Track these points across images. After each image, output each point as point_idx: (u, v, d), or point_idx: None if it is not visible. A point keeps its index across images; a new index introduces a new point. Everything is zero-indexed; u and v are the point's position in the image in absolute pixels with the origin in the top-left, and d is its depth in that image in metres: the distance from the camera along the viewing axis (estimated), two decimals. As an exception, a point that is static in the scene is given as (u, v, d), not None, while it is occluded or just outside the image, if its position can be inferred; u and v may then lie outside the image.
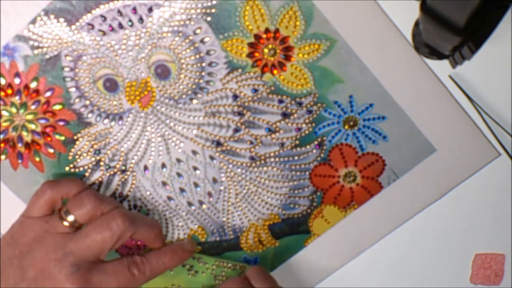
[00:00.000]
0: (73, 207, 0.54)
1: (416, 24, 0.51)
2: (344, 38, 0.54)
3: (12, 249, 0.53)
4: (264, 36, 0.54)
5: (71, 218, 0.53)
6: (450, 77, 0.55)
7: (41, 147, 0.57)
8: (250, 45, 0.55)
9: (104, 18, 0.54)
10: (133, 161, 0.58)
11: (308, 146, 0.57)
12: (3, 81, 0.56)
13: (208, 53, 0.55)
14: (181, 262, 0.57)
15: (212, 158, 0.57)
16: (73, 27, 0.55)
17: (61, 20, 0.54)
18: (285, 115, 0.56)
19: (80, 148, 0.57)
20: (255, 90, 0.56)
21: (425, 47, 0.51)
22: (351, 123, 0.56)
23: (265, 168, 0.57)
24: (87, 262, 0.53)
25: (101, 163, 0.58)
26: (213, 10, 0.54)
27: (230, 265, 0.58)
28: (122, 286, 0.53)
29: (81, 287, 0.52)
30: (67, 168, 0.58)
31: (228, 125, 0.56)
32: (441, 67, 0.54)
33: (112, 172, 0.58)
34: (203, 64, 0.55)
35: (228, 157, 0.57)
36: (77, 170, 0.58)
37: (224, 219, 0.58)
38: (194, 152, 0.57)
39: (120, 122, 0.57)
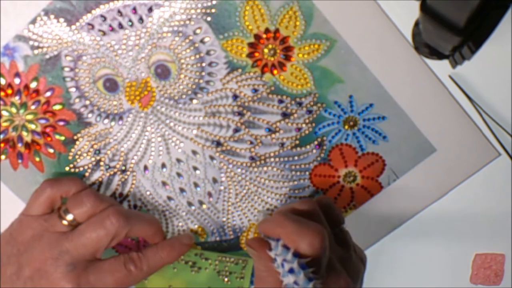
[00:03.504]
0: (72, 206, 0.54)
1: (416, 24, 0.51)
2: (344, 38, 0.54)
3: (10, 247, 0.54)
4: (264, 36, 0.54)
5: (70, 217, 0.53)
6: (450, 77, 0.55)
7: (41, 147, 0.57)
8: (250, 45, 0.55)
9: (104, 18, 0.54)
10: (133, 161, 0.58)
11: (308, 146, 0.57)
12: (3, 81, 0.56)
13: (208, 53, 0.55)
14: (179, 256, 0.56)
15: (212, 158, 0.57)
16: (73, 27, 0.55)
17: (61, 20, 0.54)
18: (285, 115, 0.56)
19: (80, 148, 0.57)
20: (255, 90, 0.56)
21: (425, 47, 0.51)
22: (351, 123, 0.56)
23: (265, 168, 0.57)
24: (83, 260, 0.53)
25: (101, 163, 0.58)
26: (213, 10, 0.54)
27: (233, 260, 0.58)
28: (119, 283, 0.53)
29: (76, 286, 0.52)
30: (67, 168, 0.58)
31: (228, 125, 0.56)
32: (441, 67, 0.54)
33: (112, 172, 0.58)
34: (203, 64, 0.55)
35: (228, 157, 0.57)
36: (77, 170, 0.58)
37: (224, 219, 0.58)
38: (194, 152, 0.57)
39: (120, 122, 0.57)
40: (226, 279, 0.58)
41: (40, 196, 0.54)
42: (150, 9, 0.54)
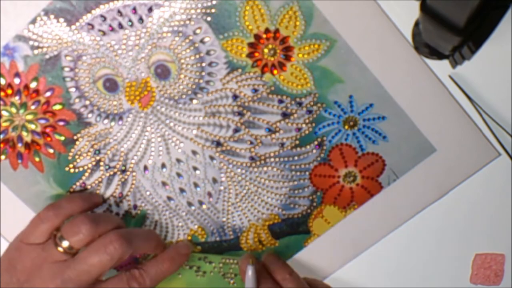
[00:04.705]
0: (68, 234, 0.53)
1: (416, 24, 0.51)
2: (344, 38, 0.54)
3: (9, 276, 0.53)
4: (264, 36, 0.54)
5: (66, 244, 0.53)
6: (450, 77, 0.55)
7: (41, 147, 0.57)
8: (250, 45, 0.55)
9: (104, 18, 0.54)
10: (133, 161, 0.58)
11: (308, 146, 0.57)
12: (3, 81, 0.56)
13: (208, 53, 0.55)
14: (180, 266, 0.57)
15: (212, 158, 0.57)
16: (73, 27, 0.55)
17: (61, 20, 0.54)
18: (285, 115, 0.56)
19: (80, 148, 0.57)
20: (255, 90, 0.56)
21: (425, 47, 0.51)
22: (351, 123, 0.56)
23: (265, 168, 0.57)
24: (86, 286, 0.52)
25: (101, 163, 0.58)
26: (213, 10, 0.54)
27: (236, 262, 0.58)
28: None
29: None
30: (67, 168, 0.58)
31: (228, 125, 0.56)
32: (441, 67, 0.54)
33: (112, 172, 0.58)
34: (203, 64, 0.55)
35: (228, 157, 0.57)
36: (77, 170, 0.58)
37: (224, 219, 0.58)
38: (194, 152, 0.57)
39: (120, 122, 0.57)
40: (231, 281, 0.58)
41: (43, 223, 0.53)
42: (150, 9, 0.54)
